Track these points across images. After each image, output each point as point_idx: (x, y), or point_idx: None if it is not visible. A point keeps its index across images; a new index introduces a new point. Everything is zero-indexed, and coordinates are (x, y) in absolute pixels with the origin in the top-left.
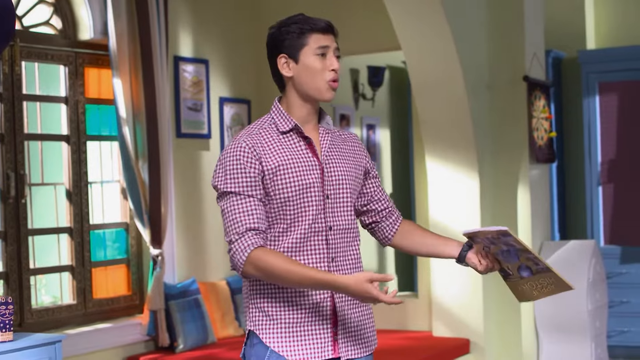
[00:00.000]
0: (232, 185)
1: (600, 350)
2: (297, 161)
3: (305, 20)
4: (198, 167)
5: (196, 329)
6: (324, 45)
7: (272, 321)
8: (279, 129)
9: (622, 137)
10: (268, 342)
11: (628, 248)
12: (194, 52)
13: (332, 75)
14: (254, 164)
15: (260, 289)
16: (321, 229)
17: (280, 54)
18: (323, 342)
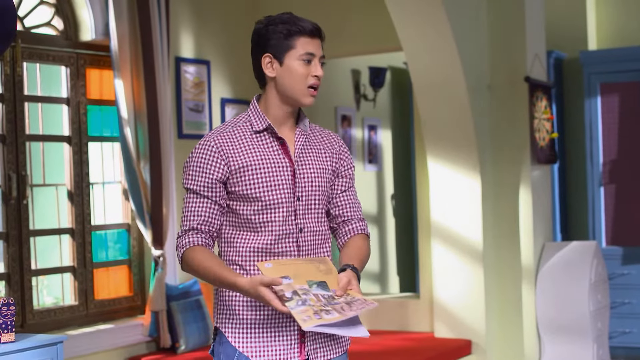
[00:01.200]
0: (191, 183)
1: (602, 351)
2: (267, 161)
3: (294, 22)
4: None
5: (198, 330)
6: (310, 53)
7: (239, 320)
8: (253, 127)
9: (623, 138)
10: (235, 342)
11: (630, 249)
12: (195, 53)
13: (314, 82)
14: (218, 166)
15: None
16: (292, 231)
17: (265, 53)
18: (290, 344)
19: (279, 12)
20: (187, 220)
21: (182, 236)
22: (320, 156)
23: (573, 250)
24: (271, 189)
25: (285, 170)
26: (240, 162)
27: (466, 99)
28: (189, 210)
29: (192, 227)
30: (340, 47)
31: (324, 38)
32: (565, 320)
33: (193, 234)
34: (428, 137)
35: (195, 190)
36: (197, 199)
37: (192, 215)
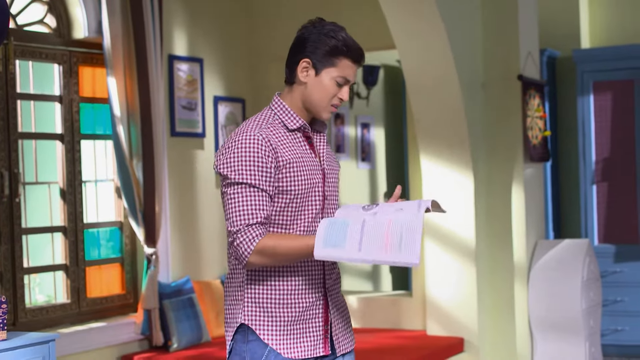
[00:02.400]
0: (246, 176)
1: (594, 349)
2: (305, 159)
3: (345, 42)
4: (192, 166)
5: (190, 328)
6: (347, 79)
7: (271, 317)
8: (286, 126)
9: (616, 136)
10: (267, 339)
11: (622, 247)
12: (188, 51)
13: (338, 103)
14: (270, 159)
15: (258, 283)
16: (308, 230)
17: (305, 58)
18: (316, 340)
19: (272, 11)
20: (249, 214)
21: (247, 230)
22: (332, 159)
23: (565, 248)
24: (310, 187)
25: (318, 171)
26: (285, 157)
27: (459, 97)
28: (248, 204)
29: (258, 221)
30: None
31: (362, 65)
32: (557, 318)
33: (260, 227)
34: (421, 135)
35: (251, 184)
36: (255, 192)
37: (254, 209)
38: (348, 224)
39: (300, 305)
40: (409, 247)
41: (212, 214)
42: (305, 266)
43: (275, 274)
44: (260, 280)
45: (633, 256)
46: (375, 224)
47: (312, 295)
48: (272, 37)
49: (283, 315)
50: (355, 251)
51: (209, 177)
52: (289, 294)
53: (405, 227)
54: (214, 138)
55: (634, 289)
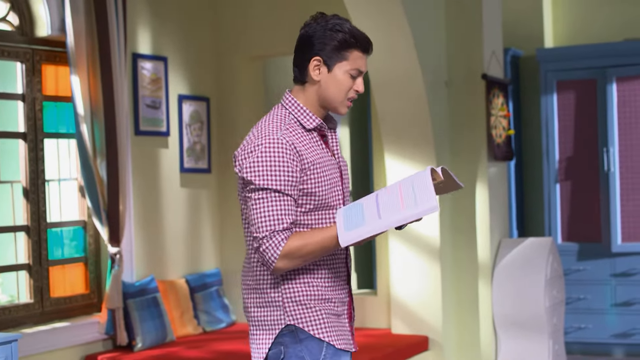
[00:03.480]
0: (272, 181)
1: (557, 346)
2: (325, 159)
3: (352, 33)
4: (157, 165)
5: (155, 328)
6: (360, 70)
7: (315, 313)
8: (303, 125)
9: (579, 135)
10: (319, 334)
11: (585, 245)
12: (152, 49)
13: (354, 95)
14: (295, 163)
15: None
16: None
17: (315, 56)
18: (350, 335)
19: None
20: (275, 220)
21: (273, 236)
22: (341, 156)
23: (529, 247)
24: (332, 186)
25: (336, 169)
26: (309, 160)
27: (424, 96)
28: (274, 209)
29: (285, 227)
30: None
31: (371, 53)
32: (521, 316)
33: (285, 233)
34: (385, 134)
35: (278, 189)
36: (281, 198)
37: (280, 215)
38: (362, 204)
39: (335, 300)
40: (423, 196)
41: (177, 213)
42: (332, 263)
43: (307, 272)
44: (295, 280)
45: (596, 254)
46: (387, 191)
47: (341, 291)
48: (237, 35)
49: (326, 309)
50: (376, 220)
51: (174, 175)
52: (325, 289)
53: (416, 182)
54: (178, 137)
55: (596, 287)
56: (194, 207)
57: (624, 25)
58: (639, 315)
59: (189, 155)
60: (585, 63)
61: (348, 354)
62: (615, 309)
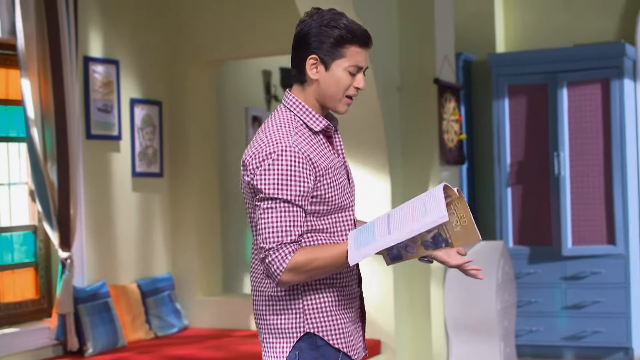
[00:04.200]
0: (284, 192)
1: (509, 349)
2: (334, 163)
3: (348, 28)
4: (108, 169)
5: (106, 333)
6: (359, 66)
7: (335, 321)
8: (310, 128)
9: (530, 140)
10: (337, 343)
11: (536, 248)
12: (104, 53)
13: (354, 93)
14: (309, 173)
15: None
16: (351, 228)
17: (312, 54)
18: (361, 341)
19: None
20: (284, 232)
21: (281, 249)
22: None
23: (481, 250)
24: (343, 189)
25: (344, 170)
26: (322, 166)
27: (376, 100)
28: (283, 221)
29: (292, 239)
30: (251, 48)
31: (371, 47)
32: (472, 319)
33: (292, 246)
34: None
35: (289, 200)
36: (291, 209)
37: (290, 226)
38: (374, 224)
39: (353, 306)
40: (434, 207)
41: (129, 218)
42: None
43: (325, 278)
44: (316, 287)
45: (547, 258)
46: (398, 209)
47: (355, 295)
48: (190, 39)
49: (345, 317)
50: (386, 235)
51: (125, 180)
52: (343, 295)
53: (427, 197)
54: (130, 141)
55: (547, 290)
56: (146, 211)
57: (574, 30)
58: (589, 318)
59: (141, 160)
60: (537, 68)
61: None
62: (565, 312)
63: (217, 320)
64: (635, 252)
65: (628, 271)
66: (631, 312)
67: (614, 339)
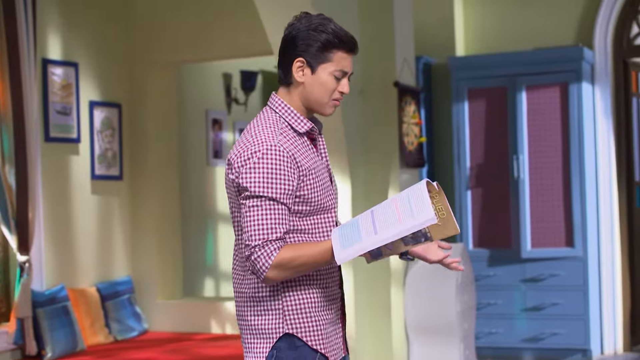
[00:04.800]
0: (269, 190)
1: (468, 351)
2: (317, 164)
3: (335, 34)
4: (67, 172)
5: (65, 337)
6: (345, 71)
7: (314, 322)
8: (295, 129)
9: (490, 143)
10: (315, 344)
11: (495, 251)
12: (63, 55)
13: (339, 97)
14: (294, 171)
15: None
16: (333, 227)
17: (298, 57)
18: (340, 341)
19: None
20: (269, 229)
21: (266, 246)
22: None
23: None
24: (325, 191)
25: (327, 172)
26: (305, 166)
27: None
28: (268, 218)
29: (277, 236)
30: (212, 51)
31: (357, 52)
32: (432, 321)
33: (278, 243)
34: None
35: (274, 198)
36: (276, 206)
37: (274, 224)
38: (358, 220)
39: (332, 307)
40: (420, 208)
41: (88, 221)
42: (327, 268)
43: (306, 279)
44: (295, 288)
45: (506, 260)
46: (382, 206)
47: (335, 296)
48: (149, 41)
49: (324, 318)
50: (373, 236)
51: (85, 183)
52: (323, 297)
53: (412, 195)
54: (89, 143)
55: (507, 292)
56: (105, 214)
57: (533, 34)
58: (548, 319)
59: (100, 162)
60: (496, 71)
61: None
62: (525, 314)
63: (177, 324)
64: (594, 254)
65: (586, 273)
66: (589, 314)
67: (572, 340)
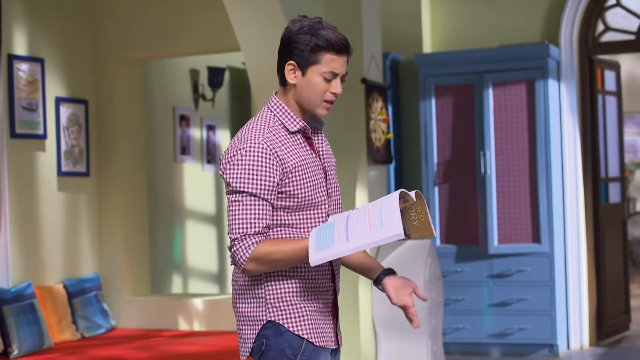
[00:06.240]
0: (250, 185)
1: (436, 347)
2: (308, 162)
3: (324, 36)
4: (33, 168)
5: (31, 334)
6: (335, 72)
7: (297, 310)
8: (287, 128)
9: (457, 139)
10: (298, 331)
11: (462, 247)
12: (29, 51)
13: (331, 98)
14: (275, 168)
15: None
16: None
17: (289, 60)
18: (331, 332)
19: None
20: (248, 223)
21: (245, 239)
22: (330, 155)
23: (408, 249)
24: (316, 189)
25: (321, 170)
26: (290, 163)
27: None
28: (248, 213)
29: (257, 231)
30: (179, 47)
31: (351, 53)
32: (400, 318)
33: (258, 237)
34: None
35: (254, 193)
36: (256, 202)
37: (254, 218)
38: (334, 224)
39: (320, 298)
40: (389, 221)
41: (55, 217)
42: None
43: (292, 270)
44: (280, 278)
45: (473, 256)
46: (357, 213)
47: (325, 289)
48: (117, 37)
49: (308, 306)
50: (344, 243)
51: (51, 179)
52: (309, 288)
53: (384, 206)
54: (55, 140)
55: (474, 288)
56: (72, 211)
57: (499, 31)
58: (514, 315)
59: (67, 159)
60: (463, 68)
61: (328, 350)
62: (492, 310)
63: (145, 321)
64: (560, 250)
65: (553, 269)
66: (556, 309)
67: (539, 335)
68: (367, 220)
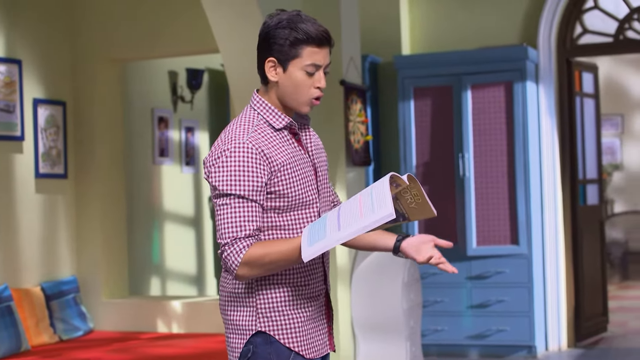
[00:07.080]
0: (237, 187)
1: (415, 348)
2: (297, 159)
3: (302, 29)
4: (10, 171)
5: (8, 337)
6: (317, 65)
7: (288, 320)
8: (272, 125)
9: (435, 141)
10: (288, 343)
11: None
12: (6, 52)
13: (317, 93)
14: (262, 168)
15: (269, 288)
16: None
17: (269, 57)
18: (324, 337)
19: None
20: (238, 226)
21: (236, 243)
22: (320, 150)
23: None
24: (305, 186)
25: (310, 167)
26: (278, 161)
27: None
28: (237, 216)
29: (247, 234)
30: (157, 48)
31: (333, 45)
32: (379, 319)
33: (248, 240)
34: None
35: (242, 195)
36: (245, 204)
37: (243, 221)
38: (326, 217)
39: (313, 304)
40: (380, 203)
41: (32, 219)
42: (309, 265)
43: (283, 276)
44: (271, 285)
45: (452, 257)
46: (348, 203)
47: (318, 293)
48: (94, 38)
49: (300, 316)
50: (336, 232)
51: (29, 181)
52: (301, 295)
53: (374, 190)
54: (33, 141)
55: (452, 290)
56: (50, 213)
57: (478, 33)
58: (493, 316)
59: (45, 161)
60: (441, 70)
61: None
62: (470, 311)
63: (123, 323)
64: (538, 252)
65: (531, 271)
66: (534, 311)
67: (517, 337)
68: (359, 206)
